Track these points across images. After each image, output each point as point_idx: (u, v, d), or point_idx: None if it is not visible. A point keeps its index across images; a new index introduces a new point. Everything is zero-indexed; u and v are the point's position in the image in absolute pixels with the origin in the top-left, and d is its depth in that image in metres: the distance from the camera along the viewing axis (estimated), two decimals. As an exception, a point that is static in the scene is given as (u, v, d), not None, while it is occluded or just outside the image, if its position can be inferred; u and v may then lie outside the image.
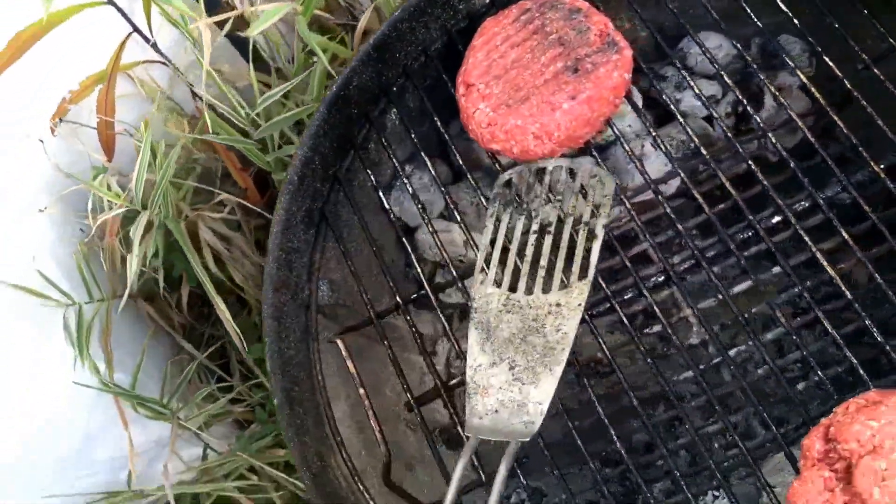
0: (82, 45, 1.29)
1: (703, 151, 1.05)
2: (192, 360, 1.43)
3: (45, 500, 1.32)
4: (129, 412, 1.36)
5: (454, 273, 1.06)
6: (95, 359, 1.30)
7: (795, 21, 1.10)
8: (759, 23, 1.10)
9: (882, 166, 1.01)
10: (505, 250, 1.02)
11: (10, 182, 1.27)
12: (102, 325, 1.33)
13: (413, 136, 1.13)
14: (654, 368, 1.00)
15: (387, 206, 1.12)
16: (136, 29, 1.26)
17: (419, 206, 1.10)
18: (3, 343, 1.24)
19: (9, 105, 1.24)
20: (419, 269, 1.07)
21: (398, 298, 1.06)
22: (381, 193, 1.12)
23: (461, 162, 1.11)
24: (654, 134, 1.06)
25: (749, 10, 1.11)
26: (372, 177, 1.13)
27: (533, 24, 1.08)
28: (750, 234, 1.05)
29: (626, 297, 1.05)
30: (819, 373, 0.97)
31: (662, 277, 1.05)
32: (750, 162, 1.04)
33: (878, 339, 0.96)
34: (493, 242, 1.03)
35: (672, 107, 1.08)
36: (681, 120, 1.06)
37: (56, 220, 1.33)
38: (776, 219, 1.05)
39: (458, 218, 1.08)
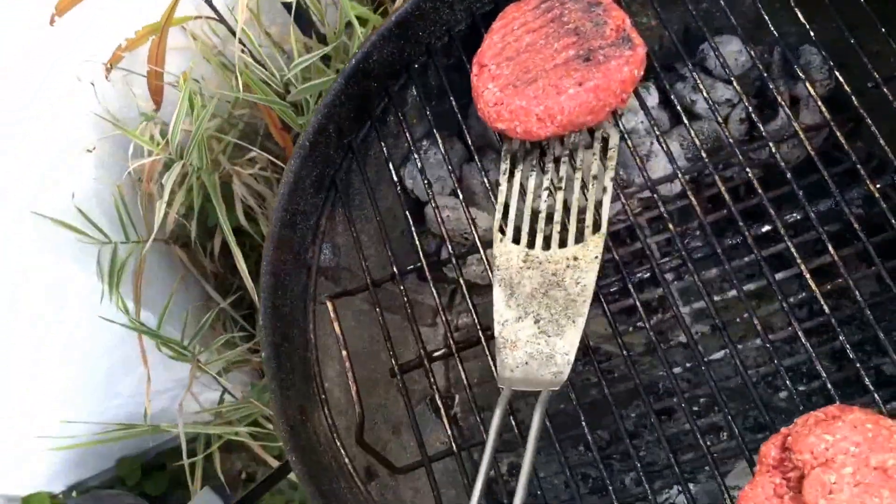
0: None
1: (704, 155, 1.06)
2: (217, 307, 1.49)
3: (63, 424, 1.40)
4: (152, 352, 1.42)
5: (450, 249, 1.09)
6: (125, 297, 1.37)
7: (811, 33, 1.10)
8: (775, 32, 1.10)
9: (878, 186, 1.01)
10: (520, 208, 1.05)
11: (61, 121, 1.33)
12: (136, 266, 1.39)
13: (428, 113, 1.16)
14: (628, 361, 1.02)
15: (395, 179, 1.15)
16: (192, -17, 1.31)
17: (426, 181, 1.13)
18: (39, 274, 1.31)
19: (66, 47, 1.31)
20: (418, 242, 1.10)
21: (394, 268, 1.10)
22: (391, 166, 1.15)
23: (470, 141, 1.14)
24: (657, 133, 1.07)
25: (768, 19, 1.11)
26: (385, 149, 1.16)
27: (552, 12, 1.10)
28: (738, 240, 1.06)
29: (611, 290, 1.07)
30: (787, 382, 0.97)
31: (648, 275, 1.07)
32: (748, 169, 1.05)
33: (851, 356, 0.96)
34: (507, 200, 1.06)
35: (678, 107, 1.09)
36: (685, 122, 1.08)
37: (102, 162, 1.39)
38: (765, 228, 1.05)
39: (461, 195, 1.11)
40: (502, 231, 1.04)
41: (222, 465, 1.51)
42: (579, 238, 1.01)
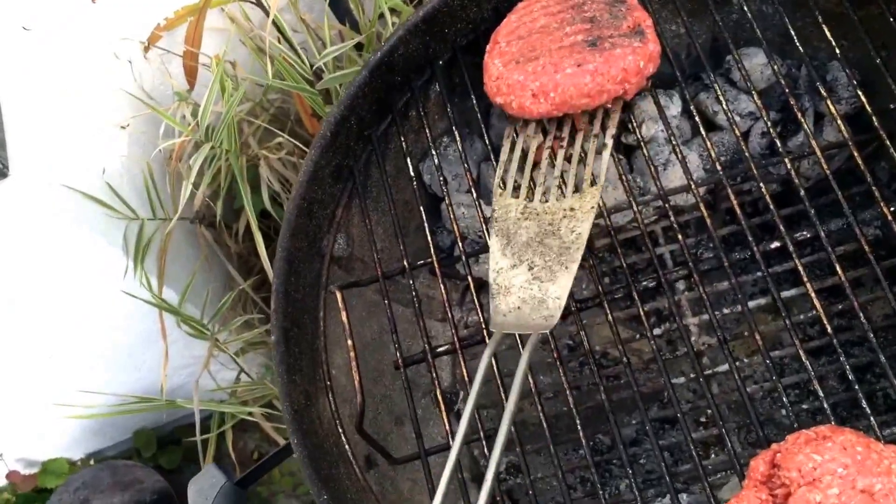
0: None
1: (718, 167, 1.06)
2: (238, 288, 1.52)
3: (83, 393, 1.42)
4: (172, 329, 1.45)
5: (461, 247, 1.10)
6: (148, 273, 1.39)
7: (837, 51, 1.09)
8: (801, 48, 1.10)
9: (892, 209, 1.01)
10: (523, 165, 1.08)
11: (96, 97, 1.36)
12: (161, 243, 1.41)
13: (450, 110, 1.16)
14: (629, 370, 1.02)
15: (412, 174, 1.16)
16: (232, -33, 1.33)
17: (441, 177, 1.14)
18: (67, 246, 1.33)
19: (106, 25, 1.33)
20: (430, 238, 1.11)
21: (405, 262, 1.11)
22: (408, 161, 1.16)
23: (490, 140, 1.15)
24: (674, 143, 1.08)
25: (795, 34, 1.10)
26: (404, 144, 1.17)
27: (574, 0, 1.11)
28: (749, 255, 1.05)
29: (616, 297, 1.07)
30: (784, 399, 0.97)
31: (654, 283, 1.07)
32: (762, 185, 1.04)
33: (850, 378, 0.96)
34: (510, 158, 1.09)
35: (697, 118, 1.09)
36: (703, 132, 1.07)
37: (134, 139, 1.41)
38: (775, 244, 1.05)
39: (475, 194, 1.12)
40: (502, 185, 1.07)
41: (235, 444, 1.54)
42: (577, 193, 1.04)
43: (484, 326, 1.06)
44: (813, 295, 0.99)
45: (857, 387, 0.95)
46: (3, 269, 1.31)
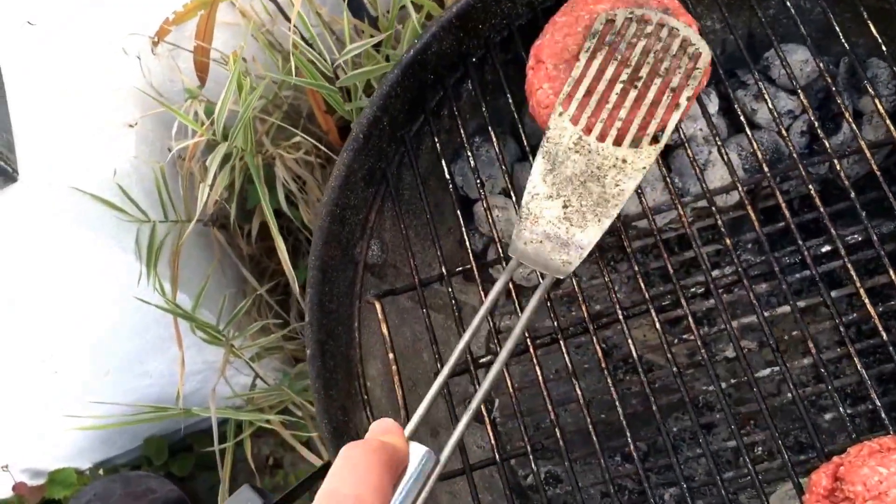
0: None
1: (765, 168, 1.03)
2: (253, 293, 1.47)
3: (94, 404, 1.38)
4: (185, 335, 1.40)
5: (500, 250, 1.07)
6: (161, 278, 1.35)
7: (883, 47, 1.07)
8: (845, 43, 1.07)
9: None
10: (590, 93, 1.02)
11: (104, 95, 1.31)
12: (173, 246, 1.37)
13: (484, 109, 1.13)
14: (680, 374, 1.00)
15: (447, 176, 1.13)
16: (243, -40, 1.29)
17: (477, 179, 1.11)
18: (76, 250, 1.29)
19: (113, 19, 1.28)
20: (468, 241, 1.08)
21: (443, 269, 1.08)
22: (443, 162, 1.13)
23: (526, 141, 1.12)
24: (718, 143, 1.05)
25: (838, 29, 1.07)
26: (438, 144, 1.13)
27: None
28: (793, 255, 1.03)
29: (664, 304, 1.04)
30: (840, 408, 0.95)
31: (702, 290, 1.04)
32: (810, 185, 1.02)
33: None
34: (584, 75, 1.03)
35: (742, 118, 1.06)
36: (748, 132, 1.05)
37: (143, 139, 1.37)
38: (826, 247, 1.03)
39: (514, 196, 1.08)
40: (564, 105, 1.02)
41: (251, 449, 1.50)
42: (636, 144, 0.99)
43: (525, 335, 1.03)
44: (865, 298, 0.98)
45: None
46: (13, 274, 1.26)
